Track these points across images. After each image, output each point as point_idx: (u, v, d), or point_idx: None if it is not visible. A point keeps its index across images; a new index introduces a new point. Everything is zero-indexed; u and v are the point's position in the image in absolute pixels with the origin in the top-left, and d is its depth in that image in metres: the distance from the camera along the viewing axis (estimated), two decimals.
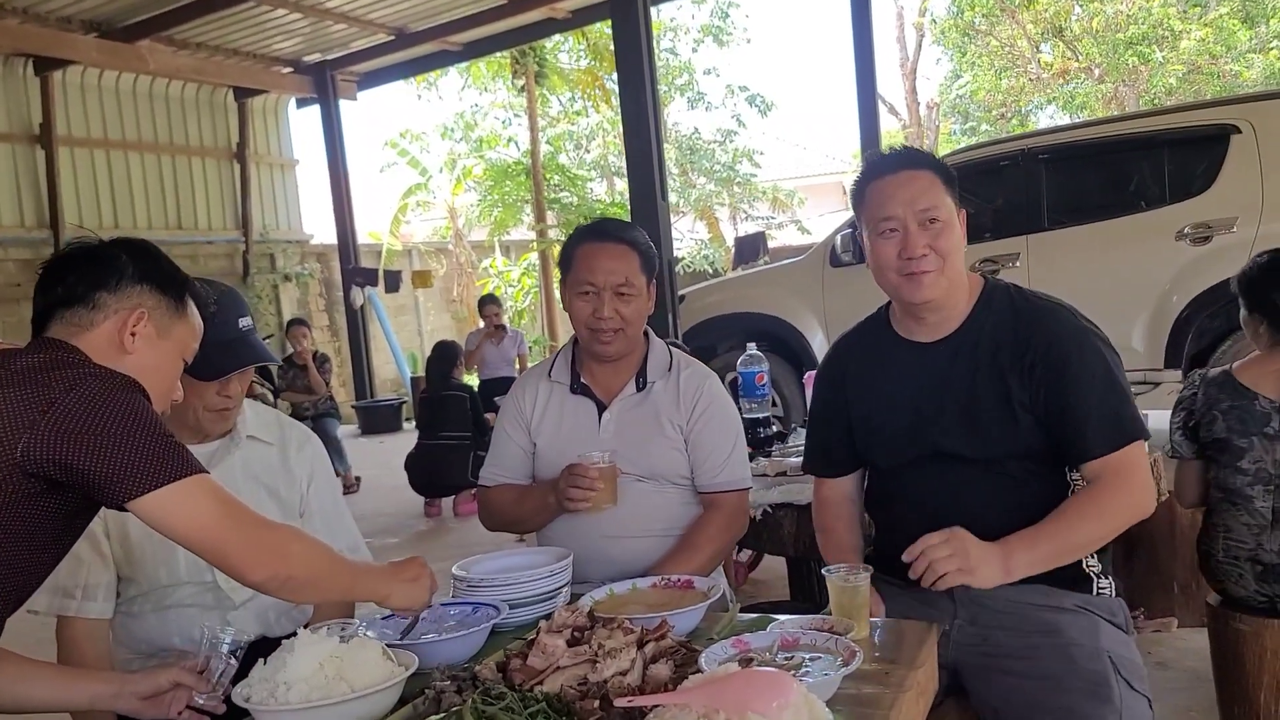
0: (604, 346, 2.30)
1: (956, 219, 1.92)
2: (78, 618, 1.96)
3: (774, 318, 6.94)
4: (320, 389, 8.75)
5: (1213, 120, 5.67)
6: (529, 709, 1.27)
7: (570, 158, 19.49)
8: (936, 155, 2.45)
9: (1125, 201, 6.00)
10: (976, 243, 6.23)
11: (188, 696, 1.61)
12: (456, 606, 1.82)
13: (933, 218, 1.88)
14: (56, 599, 1.95)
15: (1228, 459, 2.46)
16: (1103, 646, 1.80)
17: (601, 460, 2.12)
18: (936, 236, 1.88)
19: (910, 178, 1.90)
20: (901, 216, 1.89)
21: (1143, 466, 1.86)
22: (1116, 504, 1.82)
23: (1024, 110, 21.28)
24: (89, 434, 1.36)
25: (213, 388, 1.96)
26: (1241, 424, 2.43)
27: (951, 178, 1.94)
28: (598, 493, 2.09)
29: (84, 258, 1.59)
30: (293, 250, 13.68)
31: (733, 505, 2.34)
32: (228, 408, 2.01)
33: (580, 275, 2.28)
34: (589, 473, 2.09)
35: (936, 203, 1.89)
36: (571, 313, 2.33)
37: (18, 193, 10.59)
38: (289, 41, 11.64)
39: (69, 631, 1.97)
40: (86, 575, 1.96)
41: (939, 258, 1.88)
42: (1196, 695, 3.03)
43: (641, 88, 7.79)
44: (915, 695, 1.45)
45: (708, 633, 1.67)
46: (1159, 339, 5.63)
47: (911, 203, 1.88)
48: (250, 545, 1.43)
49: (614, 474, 2.14)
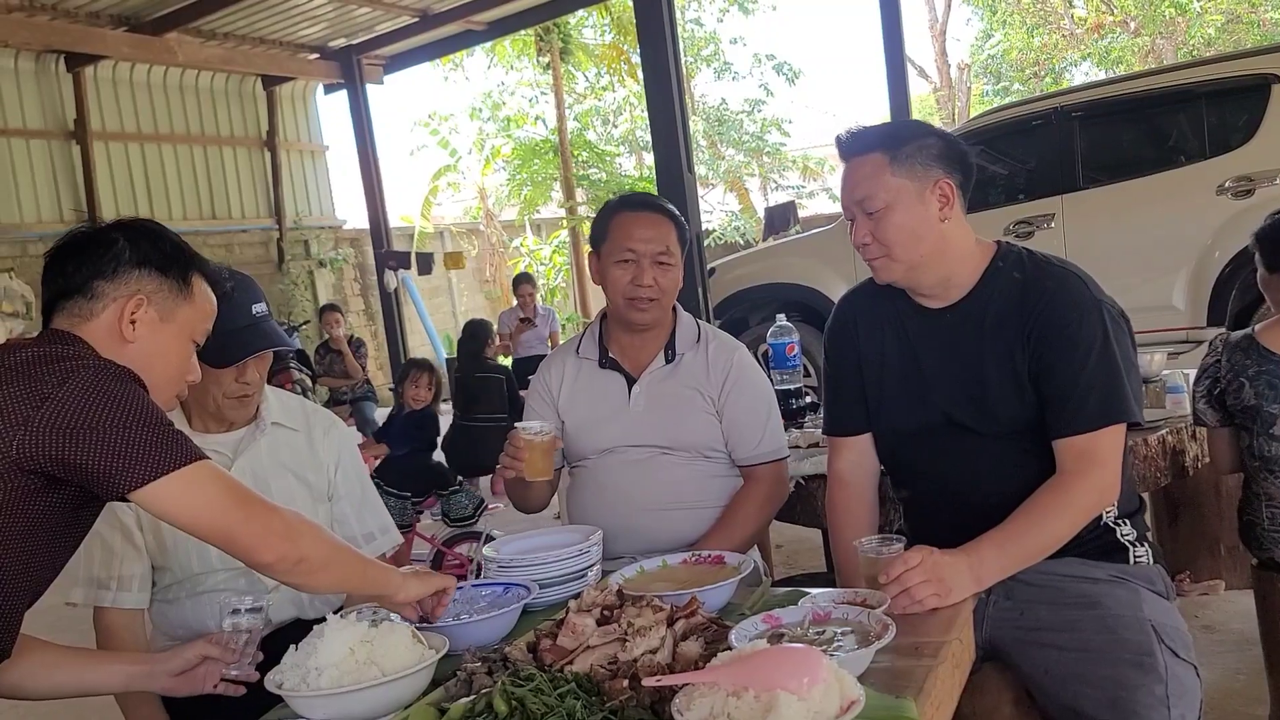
0: (640, 314, 2.30)
1: (914, 196, 1.81)
2: (114, 608, 1.98)
3: (806, 287, 6.90)
4: (356, 373, 8.82)
5: (1253, 70, 5.53)
6: (558, 689, 1.27)
7: (598, 134, 19.43)
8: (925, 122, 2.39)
9: (1163, 157, 5.88)
10: (1010, 204, 6.15)
11: (219, 670, 1.61)
12: (487, 587, 1.81)
13: (869, 209, 1.83)
14: (92, 590, 1.97)
15: (1260, 426, 2.37)
16: (1145, 616, 1.76)
17: (540, 434, 2.14)
18: (877, 224, 1.83)
19: (856, 165, 1.87)
20: (849, 205, 1.88)
21: (1114, 455, 1.78)
22: (1083, 498, 1.76)
23: (1058, 68, 20.88)
24: (84, 428, 1.34)
25: (230, 374, 1.96)
26: (1271, 389, 2.34)
27: (914, 150, 1.82)
28: (525, 463, 2.12)
29: (81, 245, 1.56)
30: (326, 236, 13.78)
31: (772, 476, 2.34)
32: (247, 394, 2.01)
33: (619, 243, 2.28)
34: (515, 441, 2.13)
35: (872, 190, 1.83)
36: (607, 282, 2.31)
37: (55, 188, 10.75)
38: (314, 27, 11.67)
39: (106, 621, 1.99)
40: (120, 566, 1.98)
41: (881, 245, 1.84)
42: (1244, 657, 2.99)
43: (665, 60, 7.71)
44: (951, 667, 1.43)
45: (740, 608, 1.66)
46: (1201, 297, 5.52)
47: (851, 191, 1.87)
48: (258, 528, 1.41)
49: (549, 447, 2.16)
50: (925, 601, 1.55)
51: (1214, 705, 2.68)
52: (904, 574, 1.55)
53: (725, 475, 2.36)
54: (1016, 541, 1.72)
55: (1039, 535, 1.74)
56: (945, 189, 1.84)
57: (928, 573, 1.56)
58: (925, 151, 1.83)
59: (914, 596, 1.54)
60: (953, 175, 1.85)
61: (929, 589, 1.55)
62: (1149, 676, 1.69)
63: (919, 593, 1.55)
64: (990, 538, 1.71)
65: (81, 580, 1.98)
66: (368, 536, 2.20)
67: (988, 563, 1.67)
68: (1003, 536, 1.71)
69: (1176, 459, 2.66)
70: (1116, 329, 1.80)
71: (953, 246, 1.87)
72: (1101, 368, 1.76)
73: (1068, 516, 1.75)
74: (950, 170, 1.85)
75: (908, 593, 1.54)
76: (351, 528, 2.18)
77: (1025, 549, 1.73)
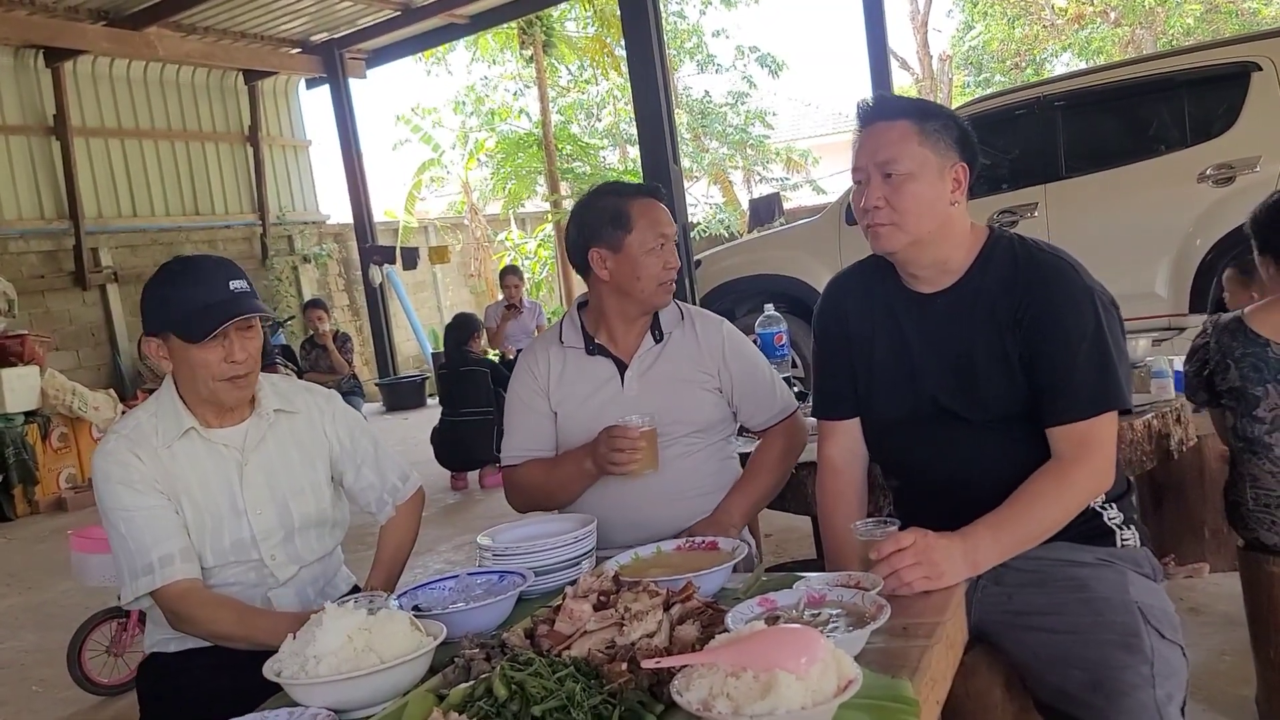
0: (668, 296, 2.35)
1: (936, 171, 1.82)
2: (163, 587, 1.93)
3: (791, 279, 6.92)
4: (342, 368, 8.82)
5: (1232, 59, 5.57)
6: (557, 673, 1.28)
7: (582, 127, 19.37)
8: (946, 106, 2.40)
9: (1144, 146, 5.92)
10: (994, 194, 6.18)
11: None
12: (483, 575, 1.82)
13: (889, 171, 1.82)
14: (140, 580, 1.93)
15: (1244, 408, 2.41)
16: (1131, 598, 1.78)
17: (643, 424, 2.12)
18: (894, 190, 1.82)
19: (882, 129, 1.85)
20: (865, 167, 1.85)
21: (1109, 441, 1.79)
22: (1080, 484, 1.77)
23: (1039, 59, 20.96)
24: None
25: (216, 354, 1.94)
26: (1256, 371, 2.37)
27: (939, 128, 1.84)
28: (641, 456, 2.10)
29: None
30: (310, 231, 13.71)
31: (788, 428, 2.41)
32: (239, 374, 1.98)
33: (650, 230, 2.29)
34: (630, 433, 2.10)
35: (897, 155, 1.81)
36: (639, 271, 2.28)
37: (35, 185, 10.65)
38: (296, 21, 11.61)
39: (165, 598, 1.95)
40: (155, 547, 1.93)
41: (893, 211, 1.82)
42: (1230, 638, 3.02)
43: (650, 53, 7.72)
44: (944, 648, 1.45)
45: (734, 592, 1.67)
46: (1183, 284, 5.57)
47: (874, 153, 1.84)
48: None
49: (654, 437, 2.14)
50: (914, 584, 1.55)
51: (1200, 686, 2.72)
52: (894, 555, 1.56)
53: (727, 458, 2.40)
54: (1012, 526, 1.73)
55: (1035, 520, 1.75)
56: (960, 173, 1.85)
57: (919, 555, 1.56)
58: (948, 132, 1.84)
59: (903, 579, 1.55)
60: (966, 162, 1.87)
61: (919, 571, 1.56)
62: (1135, 657, 1.70)
63: (908, 575, 1.55)
64: (985, 522, 1.71)
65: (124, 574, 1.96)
66: (392, 490, 2.25)
67: (983, 547, 1.68)
68: (998, 521, 1.72)
69: (1161, 443, 2.69)
70: (1108, 316, 1.81)
71: (954, 231, 1.88)
72: (1095, 355, 1.77)
73: (1064, 502, 1.76)
74: (965, 157, 1.86)
75: (897, 574, 1.55)
76: (378, 489, 2.24)
77: (1020, 534, 1.74)
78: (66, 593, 5.42)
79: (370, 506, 2.25)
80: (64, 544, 3.97)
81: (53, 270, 10.73)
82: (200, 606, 1.94)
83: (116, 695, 3.92)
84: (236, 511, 2.02)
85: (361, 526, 2.51)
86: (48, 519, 8.17)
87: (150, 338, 2.00)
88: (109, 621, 3.99)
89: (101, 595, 4.44)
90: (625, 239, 2.29)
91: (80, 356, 10.84)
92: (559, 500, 2.35)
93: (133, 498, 1.93)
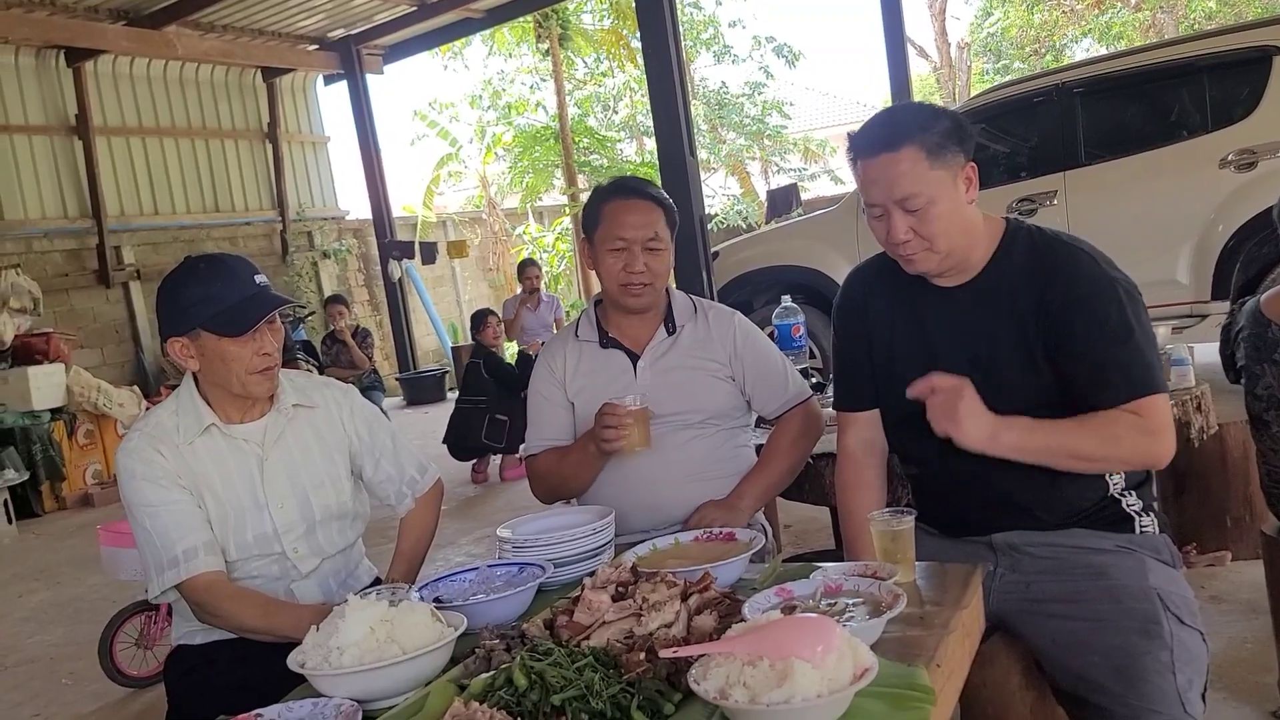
0: (635, 299, 2.36)
1: (951, 184, 1.80)
2: (188, 580, 1.95)
3: (809, 269, 6.91)
4: (362, 364, 8.86)
5: (1254, 43, 5.52)
6: (576, 663, 1.29)
7: (599, 119, 19.38)
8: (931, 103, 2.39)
9: (1165, 132, 5.87)
10: (1013, 182, 6.15)
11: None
12: (503, 567, 1.84)
13: (911, 207, 1.80)
14: (166, 573, 1.95)
15: (1248, 385, 2.46)
16: (1150, 585, 1.78)
17: (634, 402, 2.16)
18: (920, 220, 1.80)
19: (889, 162, 1.79)
20: (883, 203, 1.83)
21: (1163, 414, 1.76)
22: (1130, 436, 1.73)
23: (1058, 45, 20.80)
24: None
25: (250, 348, 1.97)
26: (1256, 350, 2.41)
27: (942, 139, 1.79)
28: (629, 432, 2.13)
29: None
30: (329, 227, 13.78)
31: (802, 414, 2.43)
32: (269, 366, 2.02)
33: (611, 231, 2.33)
34: (618, 410, 2.14)
35: (914, 189, 1.78)
36: (601, 269, 2.37)
37: (59, 184, 10.76)
38: (313, 18, 11.67)
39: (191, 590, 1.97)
40: (179, 541, 1.95)
41: (923, 240, 1.82)
42: (1253, 627, 3.01)
43: (665, 44, 7.71)
44: (961, 637, 1.45)
45: (751, 583, 1.68)
46: (1205, 270, 5.53)
47: (890, 190, 1.80)
48: None
49: (645, 416, 2.18)
50: (932, 405, 1.69)
51: (1222, 674, 2.71)
52: (937, 379, 1.70)
53: (742, 445, 2.43)
54: (1045, 432, 1.72)
55: (1069, 438, 1.73)
56: (970, 173, 1.83)
57: (953, 394, 1.67)
58: (950, 138, 1.80)
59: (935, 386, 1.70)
60: (970, 156, 1.85)
61: (944, 402, 1.68)
62: (1155, 643, 1.71)
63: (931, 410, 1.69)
64: (1024, 420, 1.72)
65: (149, 568, 1.98)
66: (411, 483, 2.27)
67: (1011, 430, 1.70)
68: (1036, 423, 1.73)
69: (1182, 431, 2.68)
70: (1132, 302, 1.80)
71: (973, 227, 1.87)
72: (1125, 342, 1.76)
73: (1103, 440, 1.73)
74: (966, 151, 1.84)
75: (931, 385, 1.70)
76: (397, 482, 2.25)
77: (1050, 442, 1.73)
78: (94, 587, 5.50)
79: (389, 499, 2.27)
80: (91, 539, 4.02)
81: (76, 268, 10.84)
82: (225, 599, 1.96)
83: (146, 687, 3.98)
84: (258, 505, 2.04)
85: (382, 520, 2.53)
86: (75, 515, 8.28)
87: (176, 338, 1.99)
88: (139, 615, 4.04)
89: (129, 589, 4.50)
90: (594, 235, 2.38)
91: (104, 354, 10.96)
92: (574, 486, 2.41)
93: (156, 493, 1.96)
